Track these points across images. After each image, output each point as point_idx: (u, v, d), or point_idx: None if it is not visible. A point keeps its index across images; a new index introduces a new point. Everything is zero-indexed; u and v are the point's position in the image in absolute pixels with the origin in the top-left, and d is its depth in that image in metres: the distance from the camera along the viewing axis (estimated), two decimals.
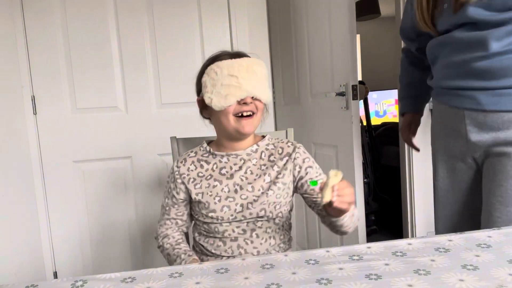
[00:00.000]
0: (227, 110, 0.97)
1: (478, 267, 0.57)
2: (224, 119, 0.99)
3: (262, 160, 1.05)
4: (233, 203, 1.01)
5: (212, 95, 0.97)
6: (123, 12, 2.05)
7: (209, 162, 1.06)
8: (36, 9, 1.97)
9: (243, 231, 1.03)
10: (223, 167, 1.04)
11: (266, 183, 1.02)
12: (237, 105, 0.97)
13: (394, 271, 0.57)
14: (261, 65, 1.02)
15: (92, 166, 2.09)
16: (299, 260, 0.64)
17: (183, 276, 0.61)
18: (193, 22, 2.14)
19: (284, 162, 1.04)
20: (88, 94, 2.06)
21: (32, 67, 2.00)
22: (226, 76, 0.96)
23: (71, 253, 2.11)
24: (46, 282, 0.62)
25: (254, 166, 1.04)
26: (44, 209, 2.06)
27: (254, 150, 1.05)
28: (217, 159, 1.05)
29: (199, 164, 1.06)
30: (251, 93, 0.97)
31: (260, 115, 1.02)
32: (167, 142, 1.37)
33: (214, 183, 1.03)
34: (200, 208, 1.04)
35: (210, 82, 0.98)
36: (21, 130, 1.97)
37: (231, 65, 0.97)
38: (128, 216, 2.14)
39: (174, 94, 2.12)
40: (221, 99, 0.96)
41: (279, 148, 1.07)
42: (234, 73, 0.96)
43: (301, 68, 1.96)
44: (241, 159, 1.04)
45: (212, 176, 1.04)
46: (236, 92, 0.96)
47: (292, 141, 1.10)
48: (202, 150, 1.09)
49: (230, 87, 0.96)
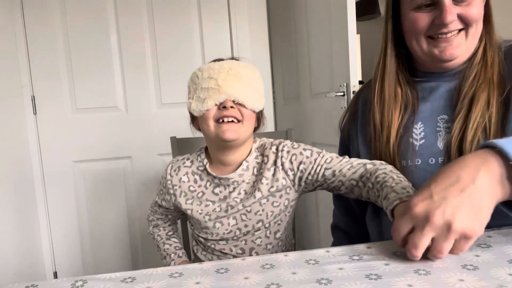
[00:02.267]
0: (206, 115, 0.89)
1: (478, 267, 0.57)
2: (204, 125, 0.90)
3: (254, 177, 0.96)
4: (225, 219, 0.96)
5: (192, 100, 0.91)
6: (123, 12, 2.05)
7: (203, 179, 0.98)
8: (36, 9, 1.98)
9: (241, 251, 0.98)
10: (217, 186, 0.97)
11: (257, 199, 0.94)
12: (217, 110, 0.88)
13: (394, 271, 0.57)
14: (249, 68, 0.92)
15: (92, 166, 2.09)
16: (299, 260, 0.64)
17: (183, 276, 0.61)
18: (193, 22, 2.14)
19: (272, 172, 0.95)
20: (88, 94, 2.06)
21: (32, 67, 2.00)
22: (206, 79, 0.88)
23: (71, 253, 2.11)
24: (46, 282, 0.62)
25: (248, 184, 0.96)
26: (44, 209, 2.06)
27: (245, 169, 0.95)
28: (211, 177, 0.97)
29: (193, 178, 0.99)
30: (231, 96, 0.87)
31: (249, 124, 0.92)
32: (167, 142, 1.37)
33: (206, 202, 0.97)
34: (193, 222, 1.02)
35: (192, 87, 0.92)
36: (21, 130, 1.97)
37: (212, 67, 0.89)
38: (128, 216, 2.14)
39: (174, 94, 2.12)
40: (199, 103, 0.89)
41: (265, 157, 0.96)
42: (213, 75, 0.88)
43: (301, 68, 1.96)
44: (233, 182, 0.95)
45: (204, 194, 0.97)
46: (214, 95, 0.87)
47: (276, 143, 0.98)
48: (199, 161, 1.00)
49: (209, 90, 0.87)
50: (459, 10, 0.82)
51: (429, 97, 0.90)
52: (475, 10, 0.83)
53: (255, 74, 0.93)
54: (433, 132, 0.87)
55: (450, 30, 0.84)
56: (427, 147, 0.87)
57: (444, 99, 0.88)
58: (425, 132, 0.88)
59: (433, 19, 0.84)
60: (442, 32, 0.84)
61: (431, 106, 0.89)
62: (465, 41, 0.85)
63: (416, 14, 0.86)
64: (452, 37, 0.84)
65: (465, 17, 0.83)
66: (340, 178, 0.90)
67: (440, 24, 0.83)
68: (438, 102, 0.89)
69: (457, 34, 0.84)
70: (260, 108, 0.94)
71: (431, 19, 0.85)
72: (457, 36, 0.84)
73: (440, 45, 0.85)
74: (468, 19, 0.83)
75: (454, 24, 0.83)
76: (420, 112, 0.89)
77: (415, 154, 0.87)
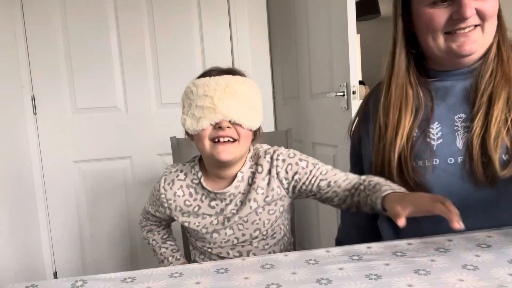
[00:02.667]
0: (201, 135, 0.86)
1: (478, 267, 0.57)
2: (199, 144, 0.88)
3: (248, 186, 0.94)
4: (222, 230, 0.95)
5: (187, 117, 0.87)
6: (123, 12, 2.05)
7: (198, 192, 0.96)
8: (36, 9, 1.98)
9: (239, 253, 0.97)
10: (213, 200, 0.95)
11: (253, 209, 0.93)
12: (212, 129, 0.85)
13: (394, 271, 0.57)
14: (246, 84, 0.88)
15: (92, 166, 2.09)
16: (299, 260, 0.64)
17: (183, 276, 0.61)
18: (193, 22, 2.14)
19: (267, 181, 0.93)
20: (88, 94, 2.06)
21: (32, 67, 2.00)
22: (201, 96, 0.84)
23: (71, 253, 2.11)
24: (46, 282, 0.62)
25: (243, 195, 0.94)
26: (44, 209, 2.06)
27: (240, 180, 0.93)
28: (206, 191, 0.95)
29: (188, 192, 0.96)
30: (227, 117, 0.83)
31: (246, 142, 0.89)
32: (167, 142, 1.37)
33: (203, 216, 0.95)
34: (189, 231, 1.01)
35: (187, 102, 0.88)
36: (21, 130, 1.97)
37: (207, 83, 0.85)
38: (128, 216, 2.14)
39: (174, 94, 2.11)
40: (194, 121, 0.85)
41: (259, 166, 0.94)
42: (209, 93, 0.83)
43: (301, 68, 1.96)
44: (230, 194, 0.94)
45: (201, 208, 0.95)
46: (209, 114, 0.83)
47: (270, 151, 0.95)
48: (193, 174, 0.96)
49: (204, 109, 0.84)
50: (477, 5, 0.82)
51: (444, 97, 0.90)
52: (492, 5, 0.83)
53: (253, 91, 0.89)
54: (451, 132, 0.87)
55: (468, 25, 0.83)
56: (445, 147, 0.86)
57: (461, 97, 0.88)
58: (443, 132, 0.87)
59: (450, 14, 0.84)
60: (460, 28, 0.84)
61: (447, 106, 0.89)
62: (482, 36, 0.85)
63: (432, 10, 0.85)
64: (470, 32, 0.84)
65: (483, 11, 0.83)
66: (335, 189, 0.90)
67: (460, 18, 0.83)
68: (454, 101, 0.89)
69: (474, 29, 0.84)
70: (257, 126, 0.91)
71: (449, 14, 0.84)
72: (474, 31, 0.84)
73: (459, 40, 0.84)
74: (485, 14, 0.83)
75: (472, 18, 0.83)
76: (436, 111, 0.89)
77: (433, 154, 0.86)
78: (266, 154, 0.95)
